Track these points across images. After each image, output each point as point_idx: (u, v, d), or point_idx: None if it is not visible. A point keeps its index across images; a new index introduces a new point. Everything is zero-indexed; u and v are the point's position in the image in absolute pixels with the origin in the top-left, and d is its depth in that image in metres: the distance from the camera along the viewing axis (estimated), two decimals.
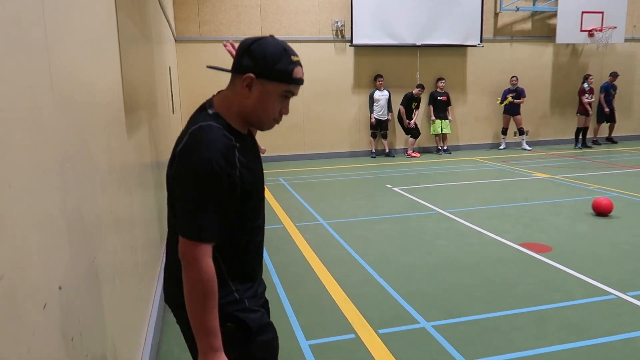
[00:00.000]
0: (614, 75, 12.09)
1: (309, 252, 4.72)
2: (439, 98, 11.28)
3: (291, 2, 10.61)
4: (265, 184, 1.70)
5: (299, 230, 5.43)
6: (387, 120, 10.89)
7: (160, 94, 5.35)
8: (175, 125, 6.98)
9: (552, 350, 2.89)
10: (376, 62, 11.19)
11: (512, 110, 11.52)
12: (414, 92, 10.91)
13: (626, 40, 12.49)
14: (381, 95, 10.77)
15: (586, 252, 4.54)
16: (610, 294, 3.63)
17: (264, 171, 1.66)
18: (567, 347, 2.93)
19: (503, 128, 11.78)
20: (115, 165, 2.24)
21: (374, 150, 11.11)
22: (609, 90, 12.05)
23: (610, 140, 12.52)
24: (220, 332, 1.39)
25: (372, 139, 11.05)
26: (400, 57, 11.34)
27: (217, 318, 1.38)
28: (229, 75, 1.49)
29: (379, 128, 10.92)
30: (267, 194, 7.27)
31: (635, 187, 7.25)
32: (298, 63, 1.43)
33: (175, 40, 9.88)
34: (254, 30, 10.41)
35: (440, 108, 11.31)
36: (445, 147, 11.52)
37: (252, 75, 1.39)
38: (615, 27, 11.87)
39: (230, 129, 1.43)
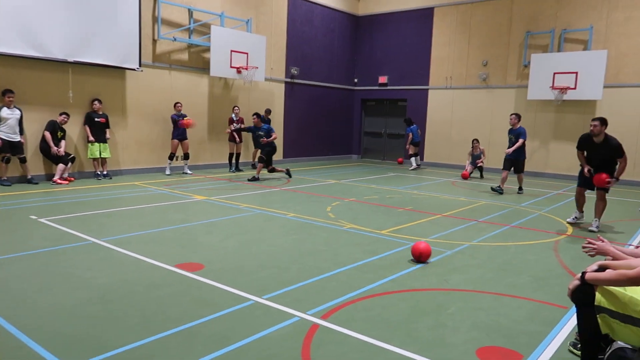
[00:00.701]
0: (268, 112, 14.18)
1: None
2: (96, 119, 10.65)
3: None
4: None
5: None
6: (19, 142, 9.54)
7: None
8: None
9: None
10: (12, 75, 9.68)
11: (182, 135, 11.86)
12: (58, 119, 10.00)
13: (266, 79, 14.71)
14: (10, 114, 9.35)
15: (233, 266, 5.00)
16: (250, 300, 4.08)
17: None
18: (213, 356, 3.12)
19: (171, 153, 11.95)
20: None
21: (5, 177, 9.50)
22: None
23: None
24: None
25: (3, 164, 9.43)
26: (48, 73, 10.19)
27: None
28: None
29: (10, 151, 9.42)
30: None
31: (269, 203, 8.52)
32: None
33: None
34: None
35: (99, 130, 10.69)
36: (105, 172, 10.92)
37: None
38: (257, 67, 13.82)
39: None
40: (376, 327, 3.62)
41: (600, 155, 7.09)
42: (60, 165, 9.98)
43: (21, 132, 9.54)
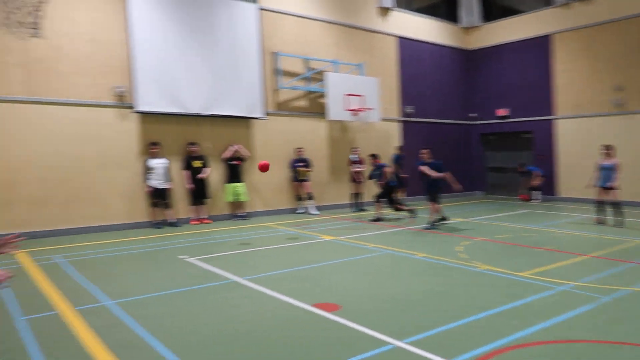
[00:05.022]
0: (401, 148, 14.22)
1: (91, 340, 4.10)
2: (231, 162, 11.65)
3: (64, 63, 9.83)
4: (36, 264, 1.41)
5: (80, 316, 4.71)
6: (167, 189, 10.63)
7: None
8: None
9: None
10: (161, 130, 10.99)
11: (298, 178, 12.47)
12: (188, 150, 11.20)
13: (382, 119, 14.85)
14: (158, 164, 10.51)
15: (369, 307, 4.96)
16: (390, 344, 3.99)
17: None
18: None
19: (297, 195, 12.65)
20: None
21: (157, 221, 10.61)
22: (399, 160, 13.97)
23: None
24: None
25: (154, 208, 10.59)
26: (186, 126, 11.37)
27: None
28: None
29: (159, 197, 10.55)
30: (37, 277, 6.19)
31: (396, 243, 8.39)
32: None
33: None
34: (16, 90, 9.34)
35: (234, 172, 11.66)
36: (242, 214, 11.74)
37: None
38: (372, 109, 14.01)
39: None
40: None
41: None
42: (195, 207, 11.01)
43: (168, 180, 10.65)
